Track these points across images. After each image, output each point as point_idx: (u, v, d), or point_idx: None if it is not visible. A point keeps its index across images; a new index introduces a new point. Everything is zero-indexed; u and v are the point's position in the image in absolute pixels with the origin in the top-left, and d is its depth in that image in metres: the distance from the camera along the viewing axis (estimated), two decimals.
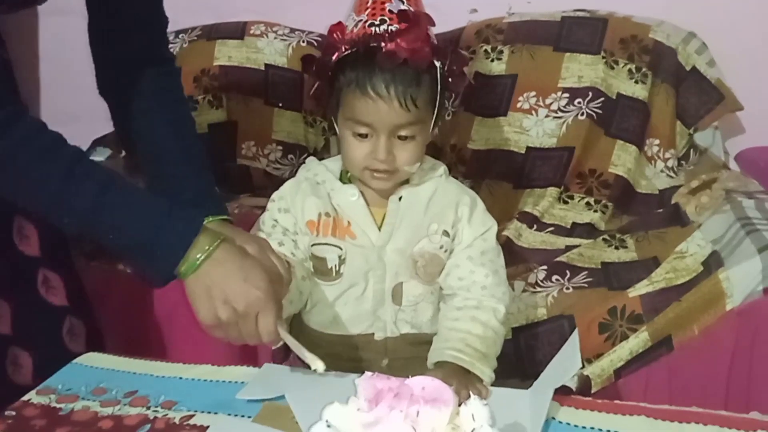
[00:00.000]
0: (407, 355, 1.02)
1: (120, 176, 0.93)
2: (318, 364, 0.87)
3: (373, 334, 1.02)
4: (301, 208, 1.01)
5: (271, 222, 1.03)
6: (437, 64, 0.96)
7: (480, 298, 0.99)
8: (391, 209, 0.99)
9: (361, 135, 0.95)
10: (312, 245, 1.00)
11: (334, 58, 0.95)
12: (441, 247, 1.00)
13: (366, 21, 0.94)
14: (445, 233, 1.00)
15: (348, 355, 1.02)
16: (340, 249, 0.99)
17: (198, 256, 0.87)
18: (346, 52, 0.94)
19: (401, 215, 0.99)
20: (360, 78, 0.93)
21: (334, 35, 0.96)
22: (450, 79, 0.97)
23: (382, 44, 0.92)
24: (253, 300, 0.86)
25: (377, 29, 0.93)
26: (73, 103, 1.21)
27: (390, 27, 0.93)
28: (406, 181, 1.01)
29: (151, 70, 1.10)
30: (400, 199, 0.99)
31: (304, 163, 1.08)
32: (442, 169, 1.04)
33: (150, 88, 1.09)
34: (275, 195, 1.05)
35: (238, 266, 0.87)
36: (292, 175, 1.08)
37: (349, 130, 0.96)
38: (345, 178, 1.02)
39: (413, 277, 1.00)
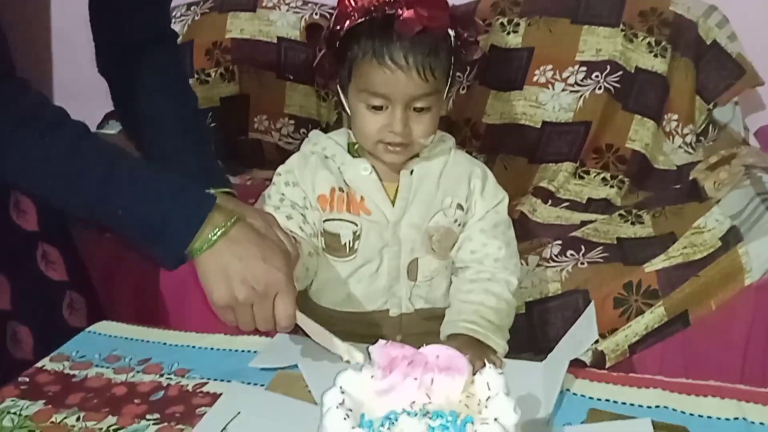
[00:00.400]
0: (421, 331, 1.00)
1: (126, 151, 0.89)
2: (356, 355, 0.79)
3: (387, 310, 1.00)
4: (311, 182, 0.98)
5: (279, 196, 1.00)
6: (451, 33, 0.93)
7: (493, 270, 0.98)
8: (404, 183, 0.97)
9: (375, 107, 0.92)
10: (325, 221, 0.98)
11: (346, 26, 0.92)
12: (455, 221, 0.99)
13: None
14: (459, 207, 0.98)
15: (361, 332, 0.99)
16: (355, 225, 0.97)
17: (215, 231, 0.82)
18: (360, 20, 0.91)
19: (414, 189, 0.97)
20: (377, 47, 0.89)
21: (346, 2, 0.92)
22: (464, 49, 0.95)
23: (399, 11, 0.89)
24: (273, 280, 0.81)
25: None
26: (84, 79, 1.19)
27: None
28: (416, 155, 0.99)
29: (153, 48, 1.06)
30: (411, 173, 0.98)
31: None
32: (451, 141, 1.02)
33: (151, 66, 1.05)
34: (281, 168, 1.02)
35: (257, 245, 0.83)
36: None
37: (363, 102, 0.93)
38: (354, 151, 0.99)
39: (429, 252, 0.98)
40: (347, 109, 0.98)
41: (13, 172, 0.86)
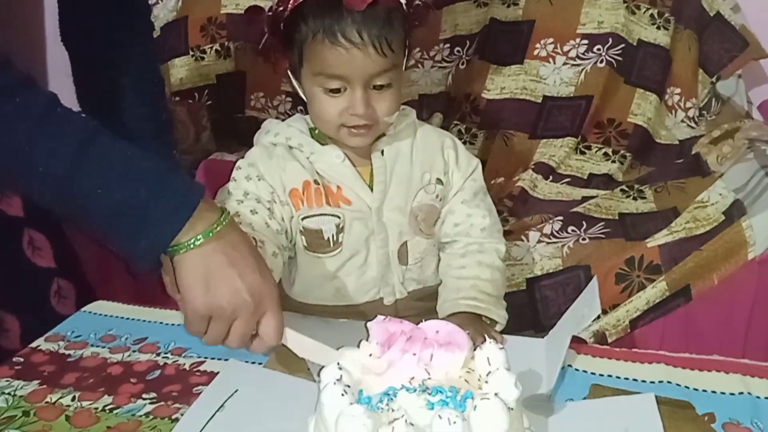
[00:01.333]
0: (414, 312, 0.96)
1: (102, 128, 0.75)
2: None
3: (381, 299, 0.96)
4: (279, 176, 0.91)
5: (241, 191, 0.91)
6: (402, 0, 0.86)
7: (481, 240, 0.96)
8: (377, 166, 0.92)
9: (333, 90, 0.85)
10: (303, 218, 0.92)
11: (290, 6, 0.84)
12: (437, 197, 0.96)
13: None
14: (439, 181, 0.95)
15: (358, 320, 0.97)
16: (338, 218, 0.91)
17: (210, 227, 0.72)
18: None
19: (389, 171, 0.93)
20: (327, 25, 0.83)
21: None
22: (416, 16, 0.89)
23: None
24: (268, 293, 0.73)
25: None
26: None
27: None
28: (382, 135, 0.93)
29: (121, 18, 1.00)
30: (382, 153, 0.93)
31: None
32: (413, 114, 0.97)
33: (117, 39, 1.00)
34: (241, 162, 0.93)
35: (250, 250, 0.75)
36: None
37: (319, 86, 0.86)
38: (319, 138, 0.93)
39: (417, 234, 0.95)
40: (302, 94, 0.91)
41: None
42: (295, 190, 0.91)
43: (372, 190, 0.92)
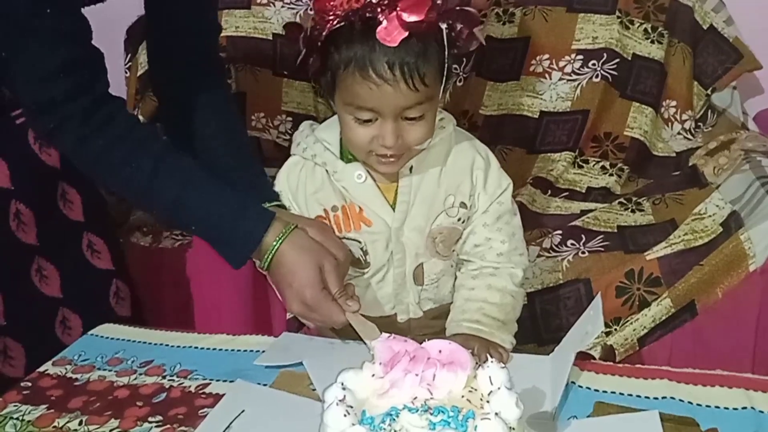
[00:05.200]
0: (429, 331, 0.97)
1: (199, 171, 0.96)
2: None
3: (395, 315, 0.97)
4: (304, 205, 0.95)
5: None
6: (443, 26, 0.83)
7: (496, 263, 0.94)
8: (404, 184, 0.91)
9: (364, 120, 0.84)
10: None
11: (325, 32, 0.82)
12: (459, 220, 0.93)
13: None
14: (463, 205, 0.93)
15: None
16: (359, 242, 0.93)
17: (274, 244, 0.89)
18: (339, 25, 0.81)
19: (415, 191, 0.91)
20: (358, 58, 0.80)
21: (321, 3, 0.82)
22: (458, 41, 0.85)
23: (380, 16, 0.78)
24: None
25: None
26: None
27: None
28: None
29: (203, 71, 1.11)
30: (411, 169, 0.91)
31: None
32: (451, 125, 0.94)
33: (201, 88, 1.10)
34: (278, 177, 0.99)
35: (309, 251, 0.88)
36: None
37: (350, 115, 0.85)
38: (347, 152, 0.93)
39: (433, 255, 0.94)
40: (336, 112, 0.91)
41: (107, 181, 1.02)
42: (320, 217, 0.94)
43: (394, 209, 0.92)
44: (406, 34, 0.78)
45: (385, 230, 0.92)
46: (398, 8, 0.78)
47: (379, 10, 0.78)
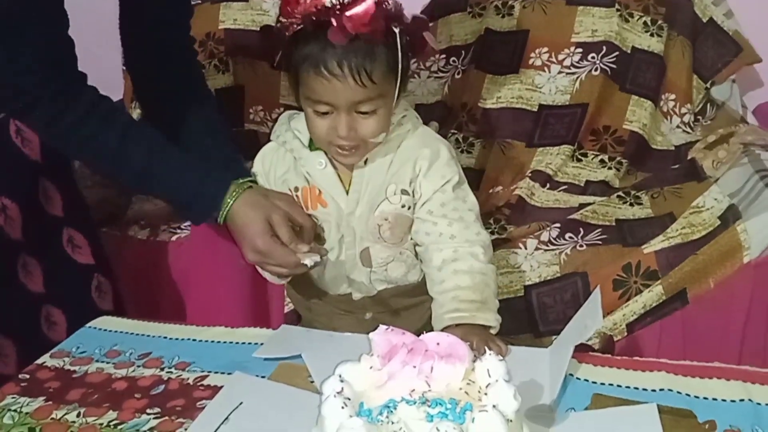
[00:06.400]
0: (393, 307, 1.05)
1: (162, 138, 1.06)
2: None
3: (350, 293, 1.05)
4: (274, 185, 1.04)
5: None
6: (396, 30, 0.91)
7: (453, 248, 0.97)
8: (356, 175, 0.99)
9: (321, 112, 0.93)
10: None
11: (288, 33, 0.92)
12: (403, 206, 0.99)
13: None
14: (404, 192, 0.99)
15: (335, 308, 1.07)
16: (318, 219, 1.01)
17: (228, 201, 0.99)
18: (299, 27, 0.91)
19: (366, 180, 0.98)
20: (312, 56, 0.90)
21: (288, 8, 0.91)
22: (413, 45, 0.93)
23: (331, 19, 0.88)
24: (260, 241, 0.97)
25: (330, 0, 0.88)
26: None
27: None
28: None
29: (176, 60, 1.19)
30: (365, 162, 0.98)
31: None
32: (410, 123, 1.00)
33: (175, 78, 1.17)
34: (256, 159, 1.08)
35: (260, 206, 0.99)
36: None
37: (310, 107, 0.94)
38: (315, 142, 1.00)
39: (377, 242, 1.00)
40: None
41: (74, 155, 1.16)
42: (289, 191, 1.03)
43: (348, 195, 0.99)
44: (353, 35, 0.87)
45: (337, 213, 1.00)
46: (346, 12, 0.87)
47: (330, 14, 0.88)
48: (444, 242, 0.98)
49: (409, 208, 1.00)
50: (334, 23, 0.87)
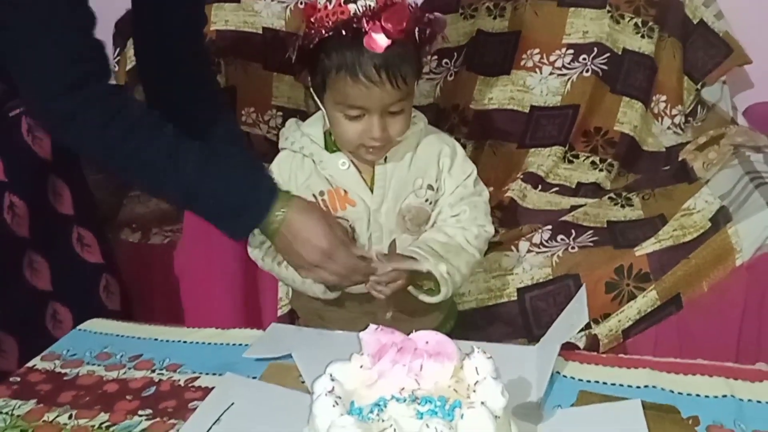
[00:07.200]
0: (411, 308, 1.04)
1: (208, 149, 1.00)
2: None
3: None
4: (296, 193, 1.01)
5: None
6: (419, 31, 0.93)
7: (452, 222, 1.03)
8: (379, 172, 1.00)
9: (353, 116, 0.94)
10: None
11: (315, 43, 0.93)
12: (426, 201, 1.03)
13: None
14: (430, 187, 1.02)
15: (352, 312, 1.04)
16: (347, 220, 1.01)
17: (281, 210, 0.96)
18: (328, 35, 0.91)
19: (389, 176, 1.01)
20: (349, 64, 0.90)
21: (311, 18, 0.93)
22: (428, 42, 0.96)
23: (366, 26, 0.89)
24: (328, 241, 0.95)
25: (356, 7, 0.89)
26: None
27: (368, 2, 0.90)
28: None
29: (191, 65, 1.15)
30: (385, 160, 1.00)
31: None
32: (422, 122, 1.04)
33: (190, 83, 1.14)
34: (272, 167, 1.05)
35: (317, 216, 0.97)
36: None
37: (340, 112, 0.95)
38: (330, 144, 1.01)
39: (404, 232, 1.03)
40: (323, 110, 1.00)
41: (119, 170, 1.02)
42: (313, 197, 1.02)
43: (372, 192, 1.00)
44: (390, 42, 0.89)
45: (365, 210, 1.01)
46: (382, 19, 0.89)
47: (364, 20, 0.89)
48: (450, 220, 1.02)
49: (430, 203, 1.03)
50: (368, 29, 0.88)
